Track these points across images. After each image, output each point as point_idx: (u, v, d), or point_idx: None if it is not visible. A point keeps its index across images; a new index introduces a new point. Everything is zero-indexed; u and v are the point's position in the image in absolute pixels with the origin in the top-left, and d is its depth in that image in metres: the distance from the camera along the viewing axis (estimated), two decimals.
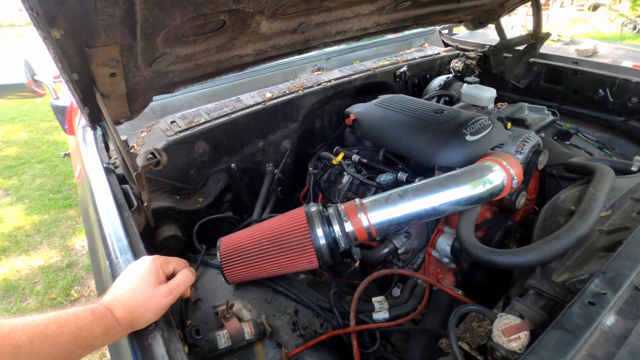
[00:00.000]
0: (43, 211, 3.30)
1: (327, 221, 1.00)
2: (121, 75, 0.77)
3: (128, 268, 0.68)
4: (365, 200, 1.02)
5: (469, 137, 1.16)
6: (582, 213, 0.87)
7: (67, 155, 2.15)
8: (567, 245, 0.82)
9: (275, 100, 1.49)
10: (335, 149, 1.55)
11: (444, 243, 1.19)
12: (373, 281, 1.36)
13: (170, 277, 0.71)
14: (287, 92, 1.55)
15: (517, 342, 0.69)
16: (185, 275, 0.72)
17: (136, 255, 0.76)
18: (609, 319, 0.63)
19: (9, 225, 3.11)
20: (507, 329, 0.71)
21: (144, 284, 0.63)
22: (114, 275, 0.74)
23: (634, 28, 8.21)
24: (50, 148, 4.66)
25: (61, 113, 1.55)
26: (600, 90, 1.72)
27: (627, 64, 1.95)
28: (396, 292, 1.28)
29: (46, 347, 0.49)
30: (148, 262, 0.68)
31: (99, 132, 1.30)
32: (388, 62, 1.90)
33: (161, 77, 0.90)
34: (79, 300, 2.35)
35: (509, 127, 1.36)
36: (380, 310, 1.09)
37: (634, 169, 1.21)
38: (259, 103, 1.47)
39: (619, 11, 9.17)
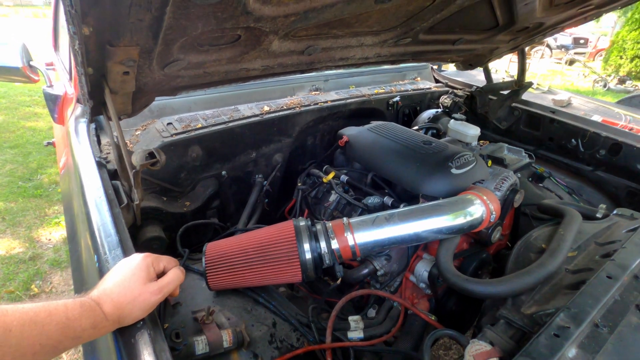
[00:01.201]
0: (10, 199, 3.14)
1: (314, 237, 1.02)
2: (134, 75, 0.79)
3: (119, 264, 0.68)
4: (353, 220, 1.06)
5: (454, 170, 1.23)
6: (552, 251, 0.94)
7: (51, 144, 2.09)
8: (537, 280, 0.88)
9: (272, 114, 1.53)
10: (324, 168, 1.60)
11: (422, 269, 1.23)
12: (350, 301, 1.38)
13: (160, 275, 0.71)
14: (285, 107, 1.60)
15: None
16: (175, 273, 0.73)
17: (126, 252, 0.76)
18: (571, 352, 0.68)
19: None
20: (479, 355, 0.75)
21: (134, 281, 0.63)
22: (101, 271, 0.73)
23: (604, 86, 8.88)
24: (26, 134, 4.49)
25: (53, 101, 1.53)
26: (573, 140, 1.86)
27: (597, 118, 2.12)
28: (371, 313, 1.31)
29: (35, 333, 0.49)
30: (139, 259, 0.68)
31: (93, 125, 1.29)
32: (382, 91, 1.99)
33: (170, 80, 0.93)
34: (39, 295, 2.23)
35: (489, 165, 1.45)
36: (356, 330, 1.12)
37: (598, 215, 1.31)
38: (257, 115, 1.50)
39: (592, 68, 9.91)
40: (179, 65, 0.86)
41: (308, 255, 0.99)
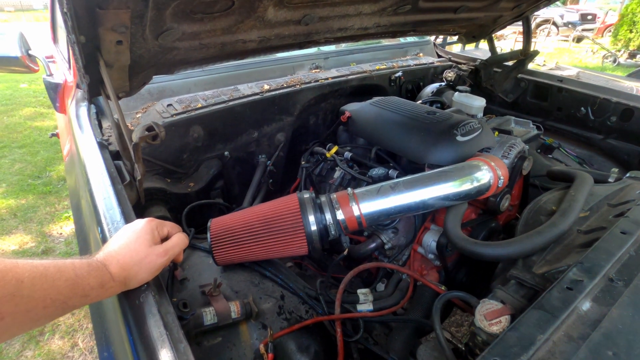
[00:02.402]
0: (21, 196, 3.19)
1: (319, 208, 1.01)
2: (127, 44, 0.78)
3: (123, 228, 0.67)
4: (358, 191, 1.05)
5: (459, 138, 1.20)
6: (562, 212, 0.92)
7: (55, 135, 2.11)
8: (548, 239, 0.86)
9: (273, 92, 1.51)
10: (328, 145, 1.58)
11: (430, 239, 1.22)
12: (358, 276, 1.37)
13: (164, 240, 0.71)
14: (285, 85, 1.58)
15: (498, 325, 0.72)
16: (180, 237, 0.73)
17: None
18: (585, 305, 0.66)
19: None
20: (489, 314, 0.73)
21: (140, 243, 0.63)
22: (105, 242, 0.73)
23: (614, 61, 8.65)
24: (33, 133, 4.54)
25: (54, 90, 1.53)
26: (582, 108, 1.81)
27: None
28: (380, 287, 1.30)
29: (46, 287, 0.49)
30: (143, 222, 0.68)
31: (93, 109, 1.29)
32: (384, 67, 1.96)
33: (165, 52, 0.91)
34: None
35: (496, 135, 1.42)
36: (365, 302, 1.11)
37: (610, 180, 1.27)
38: (257, 94, 1.49)
39: (601, 44, 9.64)
40: (172, 35, 0.85)
41: (313, 227, 0.98)
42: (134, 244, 0.63)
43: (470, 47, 3.29)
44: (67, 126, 1.45)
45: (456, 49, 2.76)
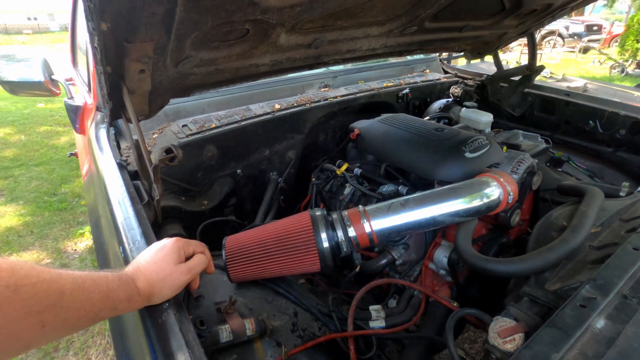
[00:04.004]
0: (37, 213, 3.27)
1: (331, 225, 1.03)
2: (149, 72, 0.82)
3: (152, 245, 0.71)
4: (369, 208, 1.06)
5: (468, 154, 1.22)
6: (574, 227, 0.92)
7: (74, 155, 2.18)
8: (560, 256, 0.86)
9: (284, 112, 1.56)
10: (337, 162, 1.61)
11: (441, 255, 1.22)
12: (369, 292, 1.38)
13: (188, 258, 0.74)
14: (295, 104, 1.62)
15: (512, 343, 0.72)
16: (201, 257, 0.75)
17: (148, 243, 0.79)
18: (599, 322, 0.66)
19: (1, 226, 3.07)
20: (503, 331, 0.74)
21: (166, 261, 0.66)
22: (127, 261, 0.76)
23: (622, 71, 8.62)
24: (49, 152, 4.67)
25: (74, 112, 1.59)
26: (591, 122, 1.81)
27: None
28: (392, 303, 1.30)
29: (82, 299, 0.51)
30: (172, 241, 0.71)
31: (112, 131, 1.34)
32: (391, 84, 2.00)
33: (183, 78, 0.96)
34: None
35: (504, 150, 1.43)
36: (377, 319, 1.11)
37: (622, 194, 1.27)
38: (268, 113, 1.53)
39: (608, 55, 9.63)
40: (191, 62, 0.89)
41: (325, 244, 1.00)
42: (161, 262, 0.66)
43: (475, 60, 3.34)
44: (87, 147, 1.50)
45: (462, 61, 2.80)
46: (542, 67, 1.95)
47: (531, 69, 1.93)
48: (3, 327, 0.43)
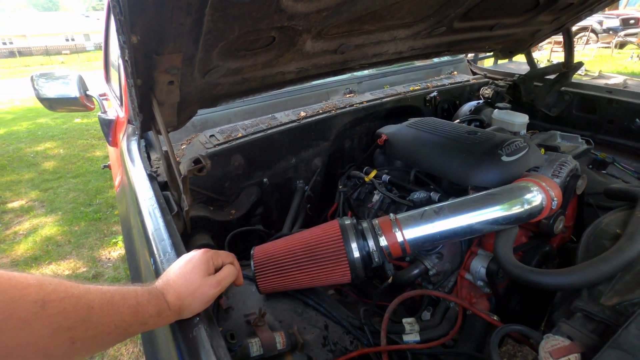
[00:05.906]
0: (74, 223, 3.42)
1: (361, 235, 1.00)
2: (177, 84, 0.83)
3: (181, 258, 0.70)
4: (400, 216, 1.02)
5: (504, 158, 1.15)
6: (630, 235, 0.84)
7: (107, 167, 2.26)
8: (615, 267, 0.79)
9: (309, 119, 1.54)
10: (365, 169, 1.57)
11: (479, 265, 1.15)
12: (401, 304, 1.32)
13: (217, 270, 0.72)
14: (321, 111, 1.61)
15: None
16: (230, 269, 0.74)
17: (179, 255, 0.78)
18: None
19: (42, 235, 3.23)
20: (556, 351, 0.67)
21: (195, 274, 0.65)
22: (158, 273, 0.75)
23: None
24: (85, 164, 4.90)
25: (107, 126, 1.65)
26: (637, 120, 1.69)
27: None
28: (426, 315, 1.24)
29: (111, 313, 0.50)
30: (200, 253, 0.70)
31: (143, 143, 1.37)
32: (418, 87, 1.94)
33: (211, 88, 0.96)
34: None
35: (542, 152, 1.35)
36: (411, 333, 1.06)
37: None
38: (294, 121, 1.52)
39: None
40: (218, 72, 0.89)
41: (356, 254, 0.96)
42: (190, 275, 0.64)
43: (503, 60, 3.22)
44: (119, 159, 1.55)
45: (487, 62, 2.70)
46: (580, 64, 1.85)
47: (568, 66, 1.83)
48: (32, 344, 0.42)
